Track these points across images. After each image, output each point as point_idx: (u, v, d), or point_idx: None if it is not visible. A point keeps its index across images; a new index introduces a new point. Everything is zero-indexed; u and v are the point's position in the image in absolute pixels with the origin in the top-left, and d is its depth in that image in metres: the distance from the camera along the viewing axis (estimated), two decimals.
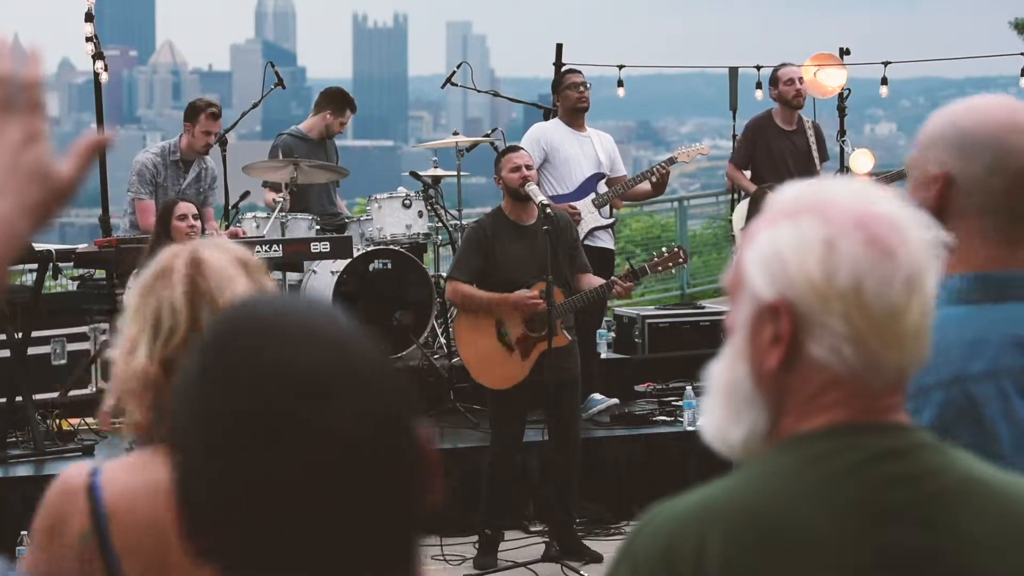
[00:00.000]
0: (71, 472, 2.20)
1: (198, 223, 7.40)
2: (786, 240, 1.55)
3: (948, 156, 2.10)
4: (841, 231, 1.53)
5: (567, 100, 8.62)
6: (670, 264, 7.20)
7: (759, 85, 11.26)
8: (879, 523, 1.50)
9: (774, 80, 9.52)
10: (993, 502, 1.54)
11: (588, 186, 8.49)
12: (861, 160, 10.30)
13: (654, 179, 8.54)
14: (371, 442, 1.20)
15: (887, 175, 9.65)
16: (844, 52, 10.87)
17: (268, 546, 1.20)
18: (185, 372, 1.24)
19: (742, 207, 9.65)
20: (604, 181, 8.56)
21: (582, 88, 8.58)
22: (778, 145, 9.42)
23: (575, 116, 8.61)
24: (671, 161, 8.77)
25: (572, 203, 8.29)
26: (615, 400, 8.50)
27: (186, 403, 1.23)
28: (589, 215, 8.43)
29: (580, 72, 8.86)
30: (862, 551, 1.49)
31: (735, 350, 1.58)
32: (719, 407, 1.59)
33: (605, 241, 8.60)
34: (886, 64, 11.55)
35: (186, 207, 6.93)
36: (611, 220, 8.58)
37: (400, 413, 1.24)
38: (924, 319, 1.54)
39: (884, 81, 11.68)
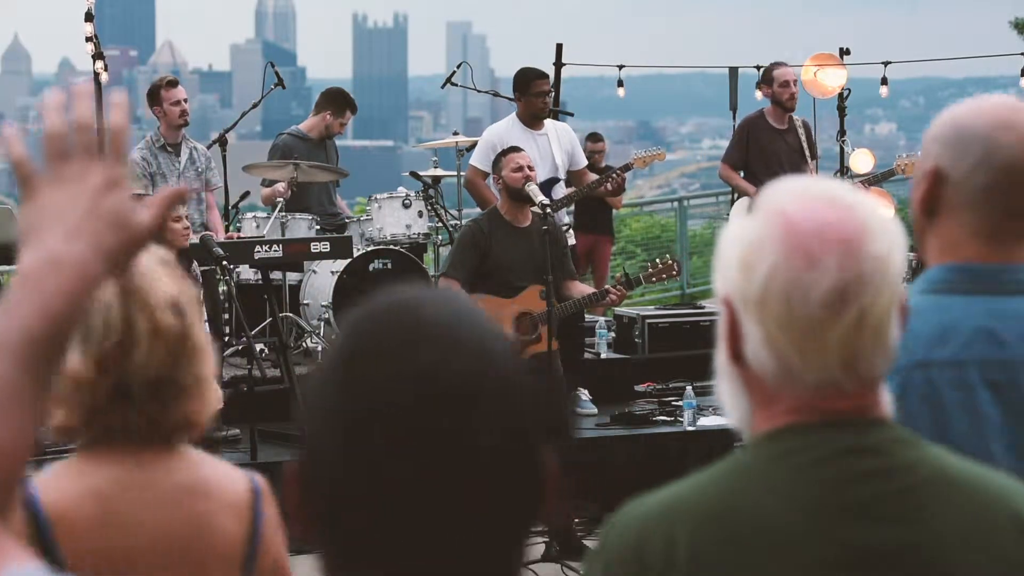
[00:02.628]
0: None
1: (190, 226, 7.37)
2: (730, 238, 1.57)
3: (941, 151, 2.12)
4: (768, 237, 1.53)
5: (531, 106, 8.47)
6: (663, 276, 7.32)
7: (759, 85, 11.28)
8: (846, 518, 1.50)
9: (767, 79, 9.51)
10: (966, 497, 1.54)
11: (543, 191, 8.45)
12: (861, 160, 10.31)
13: (610, 187, 8.51)
14: (504, 453, 1.20)
15: (875, 176, 9.67)
16: (844, 52, 10.88)
17: (376, 544, 1.20)
18: (326, 363, 1.24)
19: (739, 205, 9.67)
20: (563, 183, 8.51)
21: (546, 99, 8.51)
22: (771, 144, 9.43)
23: (535, 119, 8.53)
24: (627, 167, 8.76)
25: None
26: (595, 410, 8.51)
27: (323, 394, 1.23)
28: None
29: (547, 78, 8.75)
30: (828, 546, 1.49)
31: (719, 338, 1.60)
32: (723, 388, 1.61)
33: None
34: (886, 64, 11.56)
35: (180, 208, 6.91)
36: (564, 227, 8.52)
37: (535, 427, 1.23)
38: (862, 332, 1.51)
39: (884, 81, 11.69)
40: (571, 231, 8.65)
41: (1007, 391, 2.04)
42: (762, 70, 9.69)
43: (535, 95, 8.47)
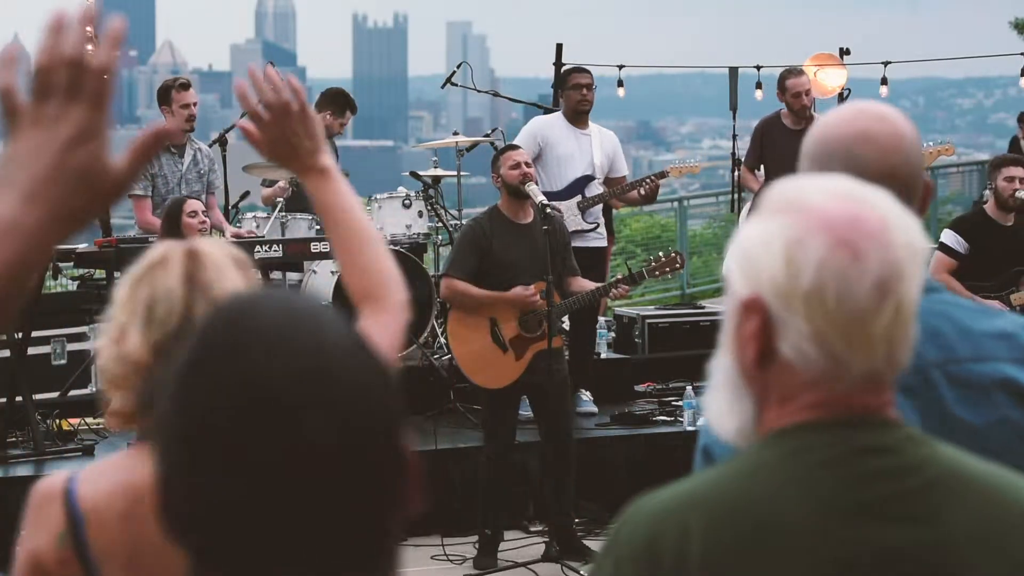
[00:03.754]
0: (49, 479, 2.22)
1: (207, 220, 7.37)
2: (759, 238, 1.56)
3: (810, 167, 2.14)
4: (809, 232, 1.53)
5: (569, 100, 8.59)
6: (667, 269, 7.29)
7: (759, 85, 11.26)
8: (860, 517, 1.50)
9: (782, 87, 9.47)
10: (978, 496, 1.54)
11: (576, 187, 8.46)
12: None
13: (643, 191, 8.55)
14: (344, 451, 1.19)
15: None
16: (844, 52, 10.87)
17: (236, 549, 1.19)
18: (169, 370, 1.24)
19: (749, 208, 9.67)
20: (600, 182, 8.53)
21: (584, 91, 8.53)
22: (785, 145, 9.40)
23: (577, 115, 8.59)
24: (662, 175, 8.79)
25: (557, 203, 8.26)
26: (595, 409, 8.49)
27: (166, 403, 1.22)
28: (572, 218, 8.38)
29: (587, 72, 8.76)
30: (842, 544, 1.50)
31: (724, 343, 1.60)
32: (718, 397, 1.61)
33: (594, 240, 8.57)
34: (886, 64, 11.56)
35: (195, 204, 6.90)
36: (593, 225, 8.54)
37: (378, 422, 1.22)
38: (900, 322, 1.53)
39: (884, 81, 11.69)
40: (600, 229, 8.64)
41: (921, 392, 2.06)
42: (779, 75, 9.64)
43: (572, 88, 8.57)
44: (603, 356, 9.50)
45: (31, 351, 7.96)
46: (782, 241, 1.54)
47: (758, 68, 11.24)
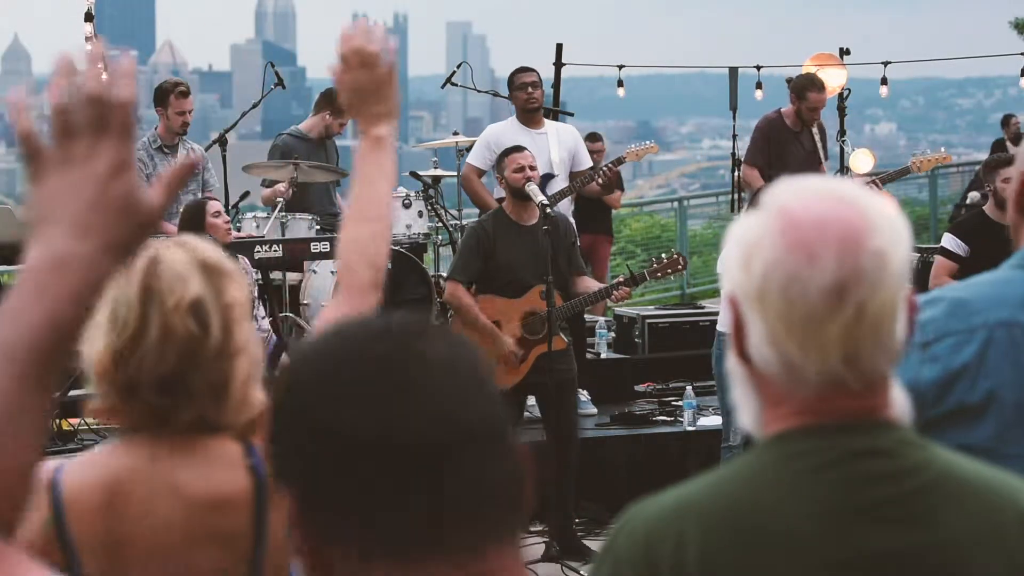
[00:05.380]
0: (41, 468, 2.28)
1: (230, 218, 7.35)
2: (733, 236, 1.58)
3: None
4: (769, 233, 1.53)
5: (516, 101, 8.55)
6: (669, 271, 7.25)
7: (759, 85, 11.27)
8: (857, 521, 1.50)
9: (802, 95, 9.37)
10: (974, 497, 1.54)
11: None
12: (861, 160, 10.31)
13: (601, 180, 8.53)
14: (448, 440, 1.23)
15: (889, 174, 9.66)
16: (844, 52, 10.88)
17: (366, 537, 1.22)
18: (317, 384, 1.26)
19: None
20: (564, 178, 8.49)
21: (530, 89, 8.52)
22: (788, 146, 9.39)
23: (528, 115, 8.56)
24: (619, 161, 8.77)
25: None
26: (594, 410, 8.48)
27: (329, 415, 1.24)
28: None
29: (531, 71, 8.75)
30: (840, 548, 1.50)
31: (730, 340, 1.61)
32: (735, 389, 1.62)
33: None
34: (886, 64, 11.57)
35: (217, 204, 6.88)
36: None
37: (481, 413, 1.25)
38: (863, 326, 1.51)
39: (884, 81, 11.70)
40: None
41: None
42: (796, 80, 9.54)
43: (517, 89, 8.54)
44: (603, 356, 9.50)
45: None
46: (745, 241, 1.55)
47: (758, 68, 11.25)
